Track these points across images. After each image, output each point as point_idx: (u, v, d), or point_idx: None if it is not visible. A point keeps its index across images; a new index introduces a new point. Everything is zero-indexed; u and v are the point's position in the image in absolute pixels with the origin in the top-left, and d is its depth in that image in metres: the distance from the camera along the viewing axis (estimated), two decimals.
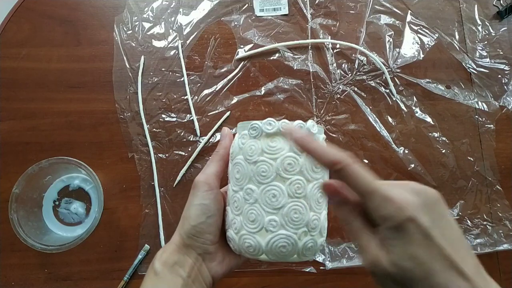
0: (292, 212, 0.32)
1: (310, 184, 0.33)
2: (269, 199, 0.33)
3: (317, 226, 0.34)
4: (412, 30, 0.61)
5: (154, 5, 0.61)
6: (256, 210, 0.33)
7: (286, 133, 0.33)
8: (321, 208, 0.34)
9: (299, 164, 0.33)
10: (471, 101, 0.59)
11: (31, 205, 0.52)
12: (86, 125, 0.56)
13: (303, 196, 0.33)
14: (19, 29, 0.59)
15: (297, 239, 0.33)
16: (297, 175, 0.33)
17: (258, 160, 0.33)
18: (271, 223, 0.32)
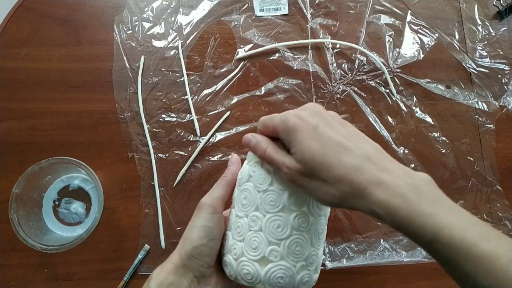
0: (294, 245, 0.33)
1: (314, 220, 0.34)
2: (274, 229, 0.33)
3: (314, 261, 0.35)
4: (412, 30, 0.61)
5: (154, 5, 0.61)
6: (259, 238, 0.33)
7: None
8: (320, 244, 0.35)
9: (306, 199, 0.34)
10: (471, 101, 0.59)
11: (31, 205, 0.52)
12: (86, 125, 0.56)
13: (307, 230, 0.33)
14: (19, 29, 0.59)
15: (295, 272, 0.33)
16: (303, 209, 0.33)
17: (268, 189, 0.34)
18: (273, 253, 0.33)
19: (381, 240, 0.54)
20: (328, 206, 0.35)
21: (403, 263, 0.53)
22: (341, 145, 0.31)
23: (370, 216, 0.30)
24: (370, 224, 0.54)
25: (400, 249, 0.53)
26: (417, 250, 0.53)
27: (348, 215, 0.54)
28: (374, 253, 0.53)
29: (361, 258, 0.53)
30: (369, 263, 0.53)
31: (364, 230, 0.54)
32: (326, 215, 0.36)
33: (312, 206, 0.34)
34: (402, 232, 0.29)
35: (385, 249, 0.53)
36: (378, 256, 0.53)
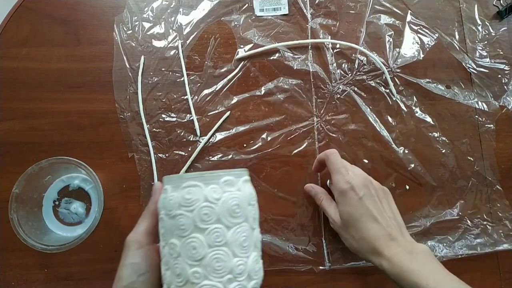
0: (214, 261, 0.33)
1: (230, 231, 0.33)
2: (189, 251, 0.33)
3: (243, 271, 0.34)
4: (412, 30, 0.61)
5: (154, 5, 0.61)
6: (180, 264, 0.33)
7: None
8: (247, 252, 0.34)
9: (216, 212, 0.33)
10: (471, 101, 0.59)
11: (31, 205, 0.52)
12: (86, 125, 0.56)
13: (224, 244, 0.33)
14: (19, 29, 0.59)
15: (221, 286, 0.33)
16: (215, 224, 0.33)
17: (176, 214, 0.34)
18: (195, 275, 0.33)
19: None
20: (246, 213, 0.35)
21: None
22: (373, 216, 0.44)
23: (376, 267, 0.43)
24: None
25: None
26: None
27: None
28: None
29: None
30: (369, 263, 0.53)
31: None
32: (248, 219, 0.35)
33: (225, 217, 0.33)
34: (398, 283, 0.41)
35: None
36: None
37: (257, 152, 0.56)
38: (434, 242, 0.54)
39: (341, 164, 0.48)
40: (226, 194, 0.34)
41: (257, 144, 0.56)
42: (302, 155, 0.56)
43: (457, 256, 0.53)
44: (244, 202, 0.35)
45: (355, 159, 0.56)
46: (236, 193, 0.34)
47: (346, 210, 0.45)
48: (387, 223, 0.44)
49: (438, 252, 0.53)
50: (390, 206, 0.47)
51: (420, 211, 0.55)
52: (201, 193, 0.33)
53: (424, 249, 0.43)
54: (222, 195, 0.34)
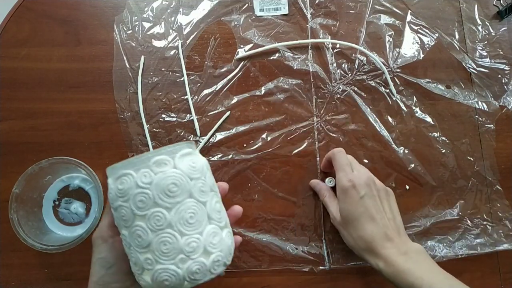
0: (161, 245, 0.32)
1: (171, 212, 0.33)
2: (136, 240, 0.33)
3: (196, 248, 0.33)
4: (412, 30, 0.61)
5: (154, 5, 0.61)
6: (133, 253, 0.33)
7: None
8: (197, 228, 0.33)
9: (150, 196, 0.32)
10: (471, 101, 0.59)
11: (31, 205, 0.52)
12: (86, 125, 0.56)
13: (167, 226, 0.32)
14: (19, 29, 0.59)
15: (176, 269, 0.32)
16: (152, 208, 0.32)
17: (117, 206, 0.33)
18: (147, 262, 0.33)
19: None
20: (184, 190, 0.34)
21: None
22: (371, 216, 0.44)
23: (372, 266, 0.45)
24: None
25: None
26: None
27: None
28: None
29: None
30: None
31: None
32: (194, 194, 0.34)
33: (161, 199, 0.32)
34: (394, 283, 0.42)
35: None
36: None
37: (257, 152, 0.56)
38: (434, 242, 0.54)
39: (345, 162, 0.48)
40: (158, 176, 0.33)
41: (257, 144, 0.56)
42: (302, 155, 0.56)
43: (457, 256, 0.53)
44: (183, 179, 0.33)
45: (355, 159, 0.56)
46: (170, 171, 0.33)
47: (346, 208, 0.46)
48: (385, 224, 0.45)
49: (438, 252, 0.53)
50: (391, 207, 0.47)
51: (420, 211, 0.55)
52: (132, 180, 0.33)
53: (419, 249, 0.44)
54: (153, 178, 0.33)
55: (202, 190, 0.35)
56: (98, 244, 0.36)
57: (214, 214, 0.35)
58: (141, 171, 0.33)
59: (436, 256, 0.53)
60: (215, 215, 0.35)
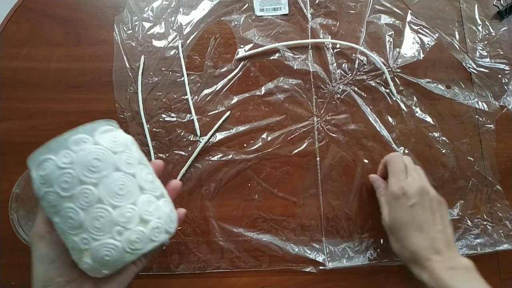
0: (94, 221, 0.32)
1: (98, 187, 0.32)
2: (68, 223, 0.32)
3: (131, 217, 0.33)
4: (412, 30, 0.61)
5: (154, 5, 0.61)
6: (69, 238, 0.33)
7: None
8: (128, 198, 0.33)
9: (74, 175, 0.32)
10: (471, 101, 0.59)
11: (31, 205, 0.52)
12: None
13: (96, 201, 0.32)
14: (19, 29, 0.59)
15: (114, 241, 0.32)
16: (78, 187, 0.32)
17: (43, 193, 0.33)
18: (83, 242, 0.32)
19: (381, 240, 0.54)
20: (106, 163, 0.33)
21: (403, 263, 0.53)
22: (419, 226, 0.44)
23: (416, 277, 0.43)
24: (370, 224, 0.54)
25: None
26: None
27: (348, 215, 0.54)
28: (374, 253, 0.53)
29: (361, 258, 0.53)
30: (369, 263, 0.53)
31: (364, 230, 0.54)
32: (120, 167, 0.33)
33: (85, 176, 0.32)
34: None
35: (385, 249, 0.53)
36: (378, 256, 0.53)
37: (257, 152, 0.56)
38: None
39: (400, 168, 0.48)
40: (79, 154, 0.32)
41: (257, 144, 0.56)
42: (302, 155, 0.56)
43: None
44: (105, 153, 0.33)
45: (355, 159, 0.56)
46: (91, 147, 0.33)
47: (394, 215, 0.46)
48: (433, 236, 0.43)
49: None
50: (442, 218, 0.46)
51: None
52: (53, 164, 0.32)
53: (468, 265, 0.42)
54: (74, 157, 0.32)
55: (128, 162, 0.34)
56: (36, 241, 0.35)
57: (147, 184, 0.35)
58: (60, 153, 0.33)
59: None
60: (147, 186, 0.35)
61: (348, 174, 0.56)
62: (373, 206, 0.54)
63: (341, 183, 0.56)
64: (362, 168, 0.56)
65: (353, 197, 0.55)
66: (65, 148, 0.33)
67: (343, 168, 0.56)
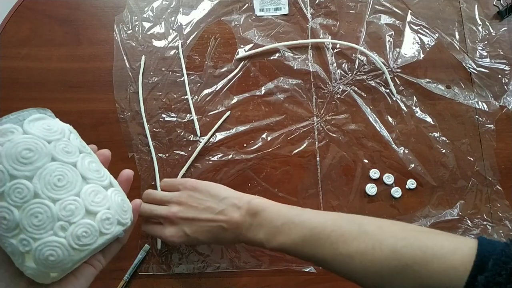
0: (32, 219, 0.28)
1: (32, 180, 0.29)
2: (3, 224, 0.28)
3: (74, 210, 0.30)
4: (412, 30, 0.61)
5: (154, 5, 0.61)
6: (6, 242, 0.29)
7: None
8: (69, 189, 0.30)
9: (2, 170, 0.29)
10: (471, 101, 0.59)
11: None
12: (86, 125, 0.56)
13: (33, 196, 0.29)
14: (19, 29, 0.59)
15: (57, 239, 0.29)
16: (8, 182, 0.28)
17: None
18: (23, 244, 0.28)
19: None
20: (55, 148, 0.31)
21: None
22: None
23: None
24: None
25: None
26: None
27: None
28: None
29: None
30: None
31: None
32: (57, 157, 0.30)
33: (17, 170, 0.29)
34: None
35: None
36: None
37: (257, 152, 0.56)
38: None
39: None
40: (5, 145, 0.29)
41: (257, 144, 0.56)
42: (302, 155, 0.56)
43: None
44: (38, 142, 0.30)
45: (355, 159, 0.56)
46: (20, 138, 0.30)
47: None
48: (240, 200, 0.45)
49: None
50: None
51: (420, 211, 0.55)
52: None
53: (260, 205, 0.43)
54: (0, 150, 0.29)
55: (66, 151, 0.31)
56: None
57: (91, 174, 0.32)
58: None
59: None
60: (92, 175, 0.32)
61: (348, 174, 0.56)
62: (373, 206, 0.54)
63: (341, 183, 0.56)
64: (362, 168, 0.56)
65: (353, 197, 0.55)
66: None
67: (343, 168, 0.56)
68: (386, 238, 0.36)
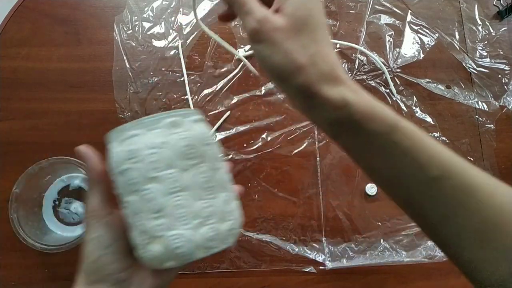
0: (176, 209, 0.30)
1: (186, 173, 0.30)
2: (147, 204, 0.30)
3: (212, 213, 0.31)
4: (412, 30, 0.61)
5: (154, 5, 0.61)
6: (141, 220, 0.30)
7: None
8: (212, 193, 0.31)
9: (165, 157, 0.30)
10: (471, 101, 0.59)
11: (31, 205, 0.52)
12: (86, 125, 0.56)
13: (183, 188, 0.30)
14: (19, 29, 0.59)
15: (190, 235, 0.30)
16: (166, 169, 0.30)
17: (124, 169, 0.30)
18: (159, 228, 0.30)
19: (381, 240, 0.54)
20: (201, 153, 0.31)
21: (403, 263, 0.53)
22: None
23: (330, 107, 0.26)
24: (370, 224, 0.54)
25: (400, 249, 0.53)
26: (417, 250, 0.53)
27: (348, 215, 0.54)
28: (374, 253, 0.53)
29: (361, 258, 0.53)
30: (369, 263, 0.53)
31: (364, 230, 0.54)
32: (208, 158, 0.31)
33: (177, 161, 0.30)
34: (359, 128, 0.27)
35: (385, 249, 0.53)
36: (378, 256, 0.53)
37: (257, 152, 0.56)
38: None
39: None
40: (173, 136, 0.30)
41: (257, 144, 0.56)
42: (302, 155, 0.56)
43: None
44: (198, 142, 0.31)
45: None
46: (184, 133, 0.31)
47: (303, 2, 0.27)
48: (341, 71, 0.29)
49: (438, 252, 0.53)
50: None
51: None
52: (144, 140, 0.30)
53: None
54: (168, 138, 0.30)
55: (214, 157, 0.33)
56: (92, 223, 0.32)
57: (226, 183, 0.33)
58: (154, 131, 0.31)
59: (436, 256, 0.53)
60: (226, 184, 0.33)
61: (348, 174, 0.56)
62: (373, 206, 0.54)
63: (341, 183, 0.56)
64: None
65: (353, 197, 0.55)
66: (160, 127, 0.31)
67: (343, 168, 0.56)
68: None
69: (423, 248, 0.53)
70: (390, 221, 0.54)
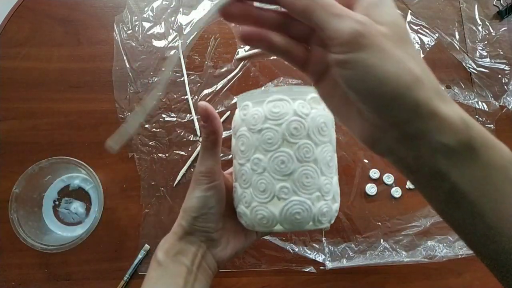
0: (304, 177, 0.31)
1: (318, 148, 0.32)
2: (278, 166, 0.32)
3: (330, 190, 0.33)
4: (412, 30, 0.61)
5: (154, 5, 0.61)
6: (266, 179, 0.32)
7: None
8: (332, 172, 0.34)
9: (306, 127, 0.32)
10: (471, 101, 0.59)
11: (31, 205, 0.52)
12: (86, 125, 0.56)
13: (313, 160, 0.32)
14: (19, 29, 0.59)
15: (311, 205, 0.32)
16: (304, 139, 0.32)
17: (262, 128, 0.32)
18: (283, 190, 0.31)
19: (381, 240, 0.54)
20: (331, 132, 0.34)
21: (403, 263, 0.53)
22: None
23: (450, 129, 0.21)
24: (370, 224, 0.54)
25: (400, 249, 0.53)
26: (417, 250, 0.53)
27: (348, 215, 0.54)
28: (374, 253, 0.53)
29: (361, 258, 0.53)
30: (369, 263, 0.53)
31: (364, 230, 0.54)
32: (332, 141, 0.34)
33: (314, 134, 0.32)
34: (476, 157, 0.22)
35: (385, 249, 0.53)
36: (378, 256, 0.53)
37: None
38: (434, 242, 0.54)
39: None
40: (314, 111, 0.32)
41: None
42: None
43: (457, 256, 0.53)
44: (329, 122, 0.33)
45: (355, 159, 0.56)
46: (322, 111, 0.33)
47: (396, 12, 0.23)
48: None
49: (438, 252, 0.53)
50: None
51: (420, 211, 0.55)
52: (289, 107, 0.32)
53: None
54: (310, 111, 0.32)
55: (335, 141, 0.35)
56: (205, 182, 0.34)
57: (335, 167, 0.35)
58: (298, 101, 0.32)
59: (436, 256, 0.53)
60: (336, 169, 0.35)
61: (348, 174, 0.56)
62: (373, 206, 0.54)
63: (341, 183, 0.55)
64: (362, 168, 0.56)
65: (353, 197, 0.55)
66: (304, 100, 0.33)
67: (343, 168, 0.56)
68: None
69: (423, 248, 0.53)
70: (390, 221, 0.54)
